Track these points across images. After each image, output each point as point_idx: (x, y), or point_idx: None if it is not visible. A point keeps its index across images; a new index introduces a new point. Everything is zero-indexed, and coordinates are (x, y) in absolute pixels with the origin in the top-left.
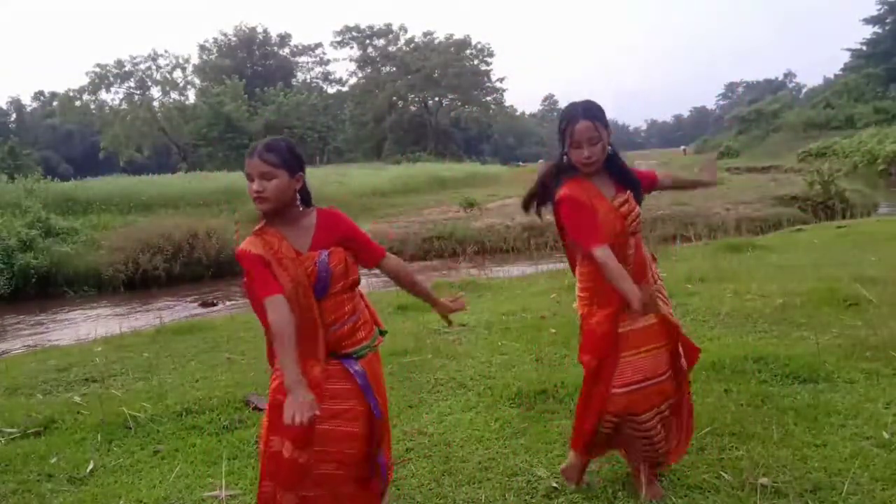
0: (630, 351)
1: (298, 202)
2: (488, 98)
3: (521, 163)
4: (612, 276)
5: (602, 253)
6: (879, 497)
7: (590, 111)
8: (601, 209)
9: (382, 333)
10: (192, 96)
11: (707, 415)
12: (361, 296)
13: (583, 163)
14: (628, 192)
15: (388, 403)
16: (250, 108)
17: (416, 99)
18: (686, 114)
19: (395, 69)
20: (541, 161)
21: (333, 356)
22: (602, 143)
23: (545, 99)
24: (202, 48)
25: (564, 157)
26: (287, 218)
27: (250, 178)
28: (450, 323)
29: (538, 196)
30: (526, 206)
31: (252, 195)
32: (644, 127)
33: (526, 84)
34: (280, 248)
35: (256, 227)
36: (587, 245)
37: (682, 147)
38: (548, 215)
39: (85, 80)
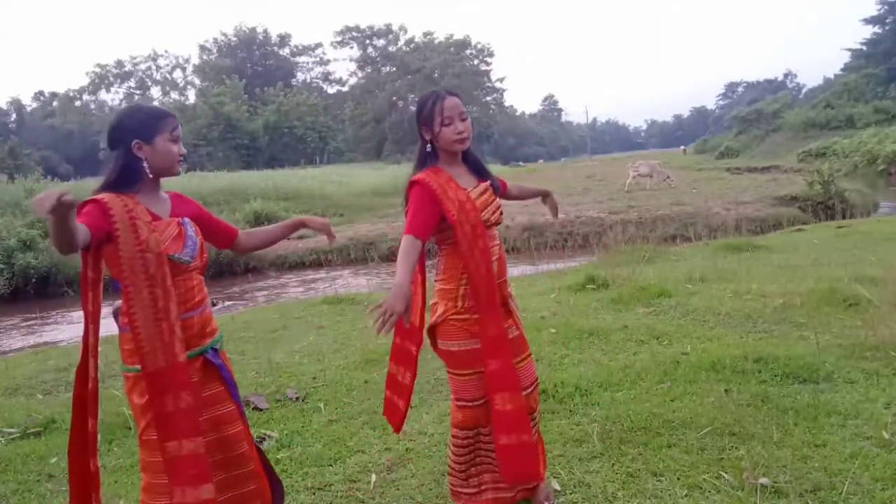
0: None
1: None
2: (488, 98)
3: (521, 163)
4: (399, 259)
5: (408, 240)
6: (879, 497)
7: (452, 91)
8: (455, 197)
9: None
10: (192, 96)
11: (707, 415)
12: None
13: (458, 140)
14: (488, 182)
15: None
16: (250, 108)
17: (416, 99)
18: (686, 114)
19: (395, 69)
20: (540, 161)
21: (191, 354)
22: (469, 120)
23: (545, 99)
24: (202, 48)
25: (428, 144)
26: (155, 187)
27: (177, 140)
28: (331, 239)
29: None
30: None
31: (178, 158)
32: (644, 127)
33: (526, 84)
34: (135, 209)
35: (111, 188)
36: (406, 229)
37: (682, 147)
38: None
39: (85, 80)
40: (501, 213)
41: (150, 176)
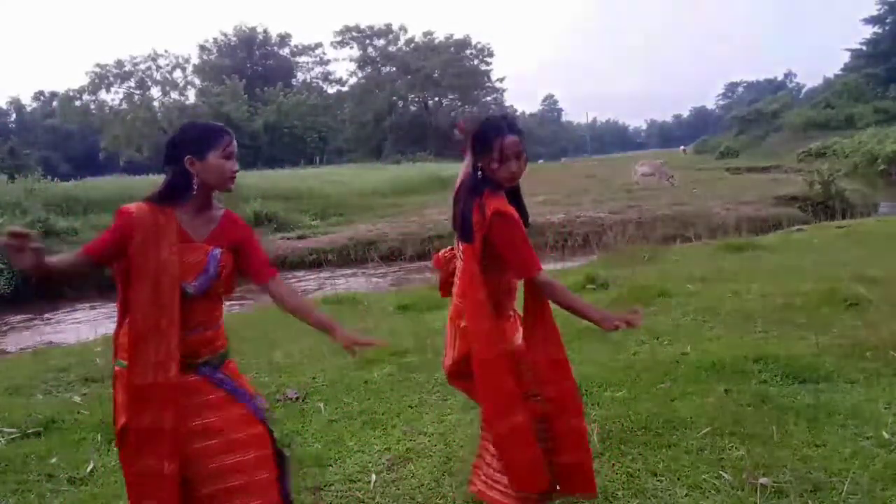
0: None
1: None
2: (488, 98)
3: None
4: (565, 297)
5: (547, 276)
6: (879, 497)
7: (514, 125)
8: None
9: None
10: (192, 96)
11: (707, 415)
12: None
13: (509, 178)
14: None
15: (388, 404)
16: (250, 108)
17: (416, 99)
18: (686, 114)
19: (395, 69)
20: (540, 161)
21: (191, 366)
22: (525, 156)
23: (545, 99)
24: (202, 48)
25: (479, 171)
26: (205, 203)
27: (230, 157)
28: (353, 354)
29: (465, 216)
30: (466, 235)
31: (230, 174)
32: (644, 127)
33: (526, 84)
34: (165, 227)
35: (155, 200)
36: (535, 268)
37: (682, 147)
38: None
39: (85, 80)
40: None
41: (195, 191)
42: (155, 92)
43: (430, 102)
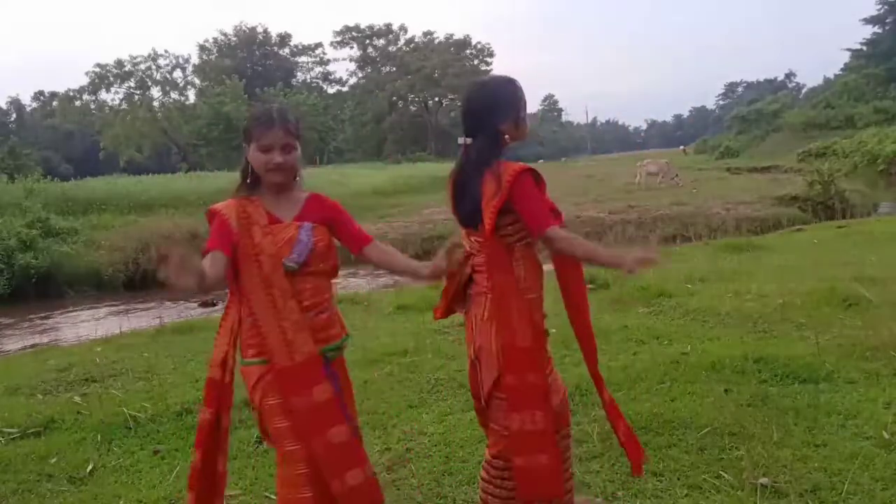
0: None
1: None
2: None
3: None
4: (581, 249)
5: (559, 230)
6: (879, 497)
7: None
8: None
9: (347, 338)
10: (192, 96)
11: (707, 415)
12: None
13: (529, 132)
14: None
15: (388, 404)
16: (250, 108)
17: (416, 99)
18: (686, 114)
19: (395, 69)
20: (540, 161)
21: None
22: None
23: (545, 99)
24: (202, 48)
25: (503, 135)
26: (284, 189)
27: (269, 150)
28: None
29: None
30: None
31: (271, 166)
32: (644, 127)
33: (526, 84)
34: (254, 214)
35: (239, 195)
36: (544, 223)
37: (682, 147)
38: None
39: (85, 80)
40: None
41: (252, 177)
42: (155, 92)
43: (430, 102)
